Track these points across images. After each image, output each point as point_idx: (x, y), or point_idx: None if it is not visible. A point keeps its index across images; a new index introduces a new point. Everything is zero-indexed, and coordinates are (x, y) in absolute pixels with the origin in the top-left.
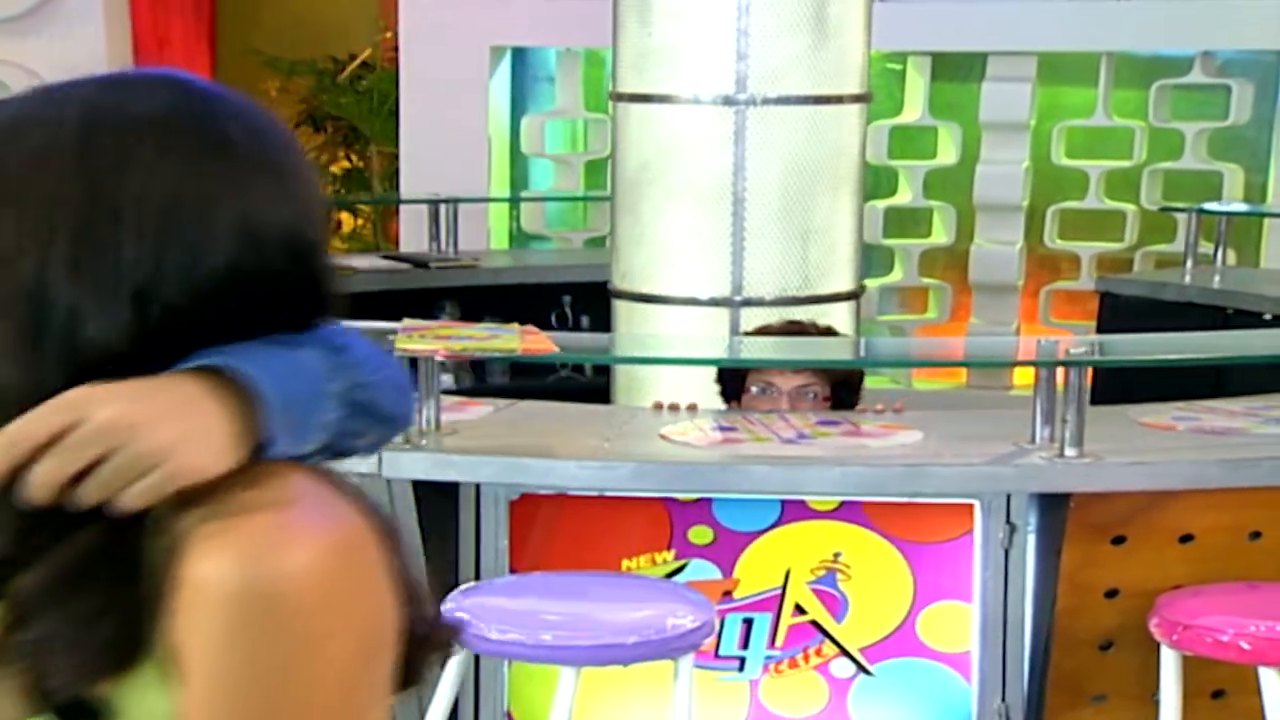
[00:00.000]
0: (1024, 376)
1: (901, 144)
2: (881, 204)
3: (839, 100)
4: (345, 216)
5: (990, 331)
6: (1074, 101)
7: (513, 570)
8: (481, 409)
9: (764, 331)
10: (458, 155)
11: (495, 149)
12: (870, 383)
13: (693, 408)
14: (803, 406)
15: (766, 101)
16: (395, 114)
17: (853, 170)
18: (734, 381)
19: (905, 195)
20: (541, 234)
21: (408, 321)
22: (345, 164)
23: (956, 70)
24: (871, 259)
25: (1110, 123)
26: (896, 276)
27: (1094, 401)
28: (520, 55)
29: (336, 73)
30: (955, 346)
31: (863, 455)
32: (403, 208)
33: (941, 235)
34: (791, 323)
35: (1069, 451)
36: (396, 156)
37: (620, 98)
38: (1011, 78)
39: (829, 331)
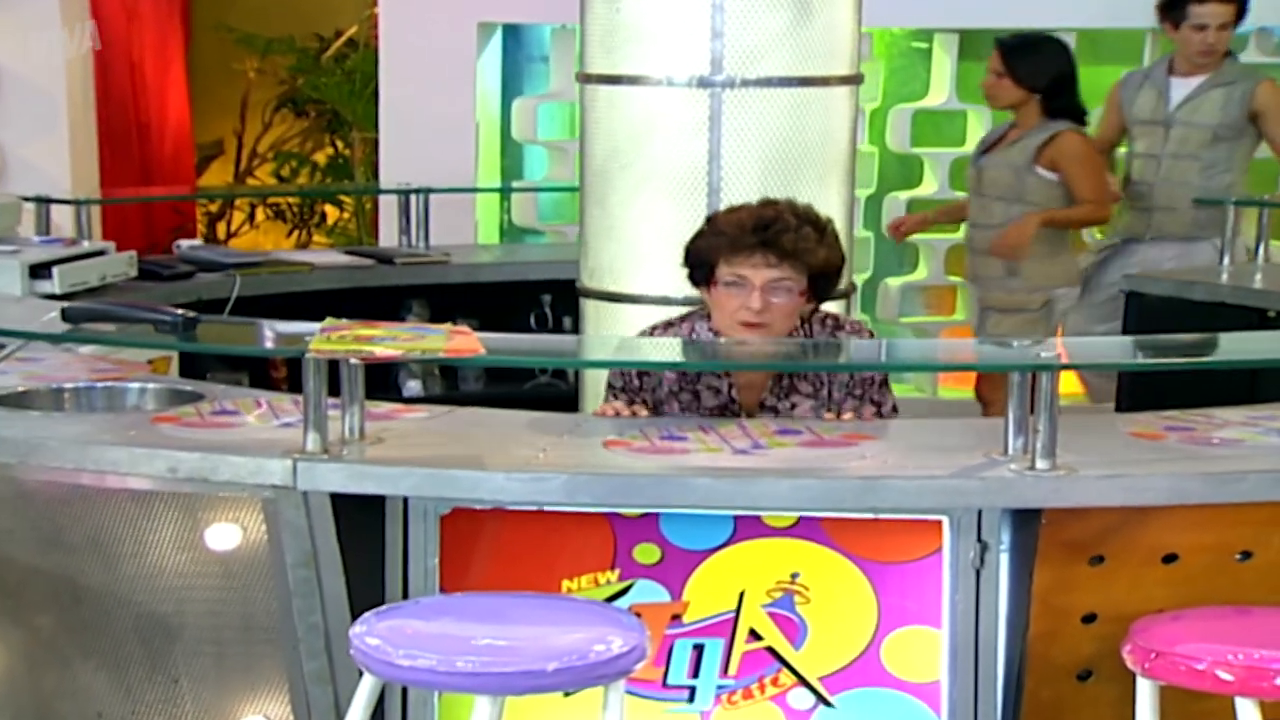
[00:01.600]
0: (1068, 384)
1: (926, 130)
2: (905, 195)
3: (825, 82)
4: (330, 209)
5: None
6: None
7: (443, 591)
8: (416, 415)
9: (733, 214)
10: (442, 142)
11: (484, 135)
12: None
13: (640, 413)
14: (776, 302)
15: (745, 83)
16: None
17: (841, 158)
18: (702, 269)
19: (930, 186)
20: (534, 228)
21: (330, 321)
22: (330, 150)
23: (987, 49)
24: (894, 255)
25: None
26: (920, 274)
27: (1122, 408)
28: (512, 33)
29: (321, 51)
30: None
31: (817, 467)
32: (383, 200)
33: None
34: (766, 203)
35: (1040, 464)
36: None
37: (588, 79)
38: None
39: (809, 215)
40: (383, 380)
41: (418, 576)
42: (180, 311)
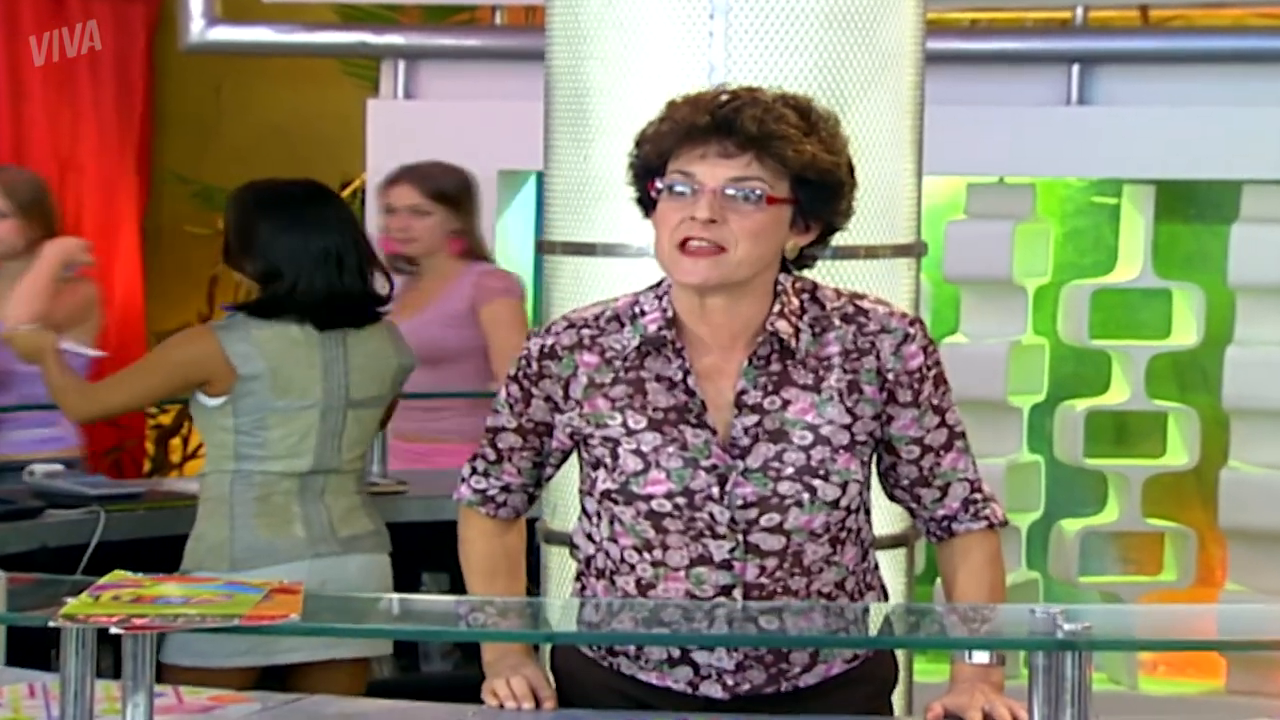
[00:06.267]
0: None
1: (1114, 316)
2: (1082, 405)
3: (873, 254)
4: None
5: (1258, 601)
6: None
7: None
8: (243, 708)
9: (694, 95)
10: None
11: None
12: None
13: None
14: (737, 212)
15: None
16: None
17: None
18: (645, 177)
19: (1121, 393)
20: None
21: (116, 575)
22: None
23: (1196, 207)
24: (1071, 488)
25: None
26: (1110, 517)
27: None
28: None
29: None
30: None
31: None
32: None
33: (1180, 454)
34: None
35: None
36: None
37: (550, 248)
38: (1278, 219)
39: (798, 101)
40: None
41: None
42: None
